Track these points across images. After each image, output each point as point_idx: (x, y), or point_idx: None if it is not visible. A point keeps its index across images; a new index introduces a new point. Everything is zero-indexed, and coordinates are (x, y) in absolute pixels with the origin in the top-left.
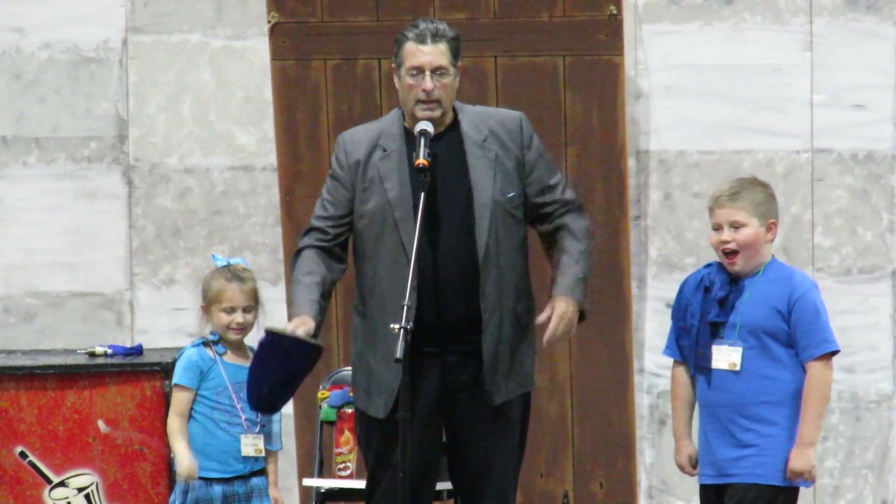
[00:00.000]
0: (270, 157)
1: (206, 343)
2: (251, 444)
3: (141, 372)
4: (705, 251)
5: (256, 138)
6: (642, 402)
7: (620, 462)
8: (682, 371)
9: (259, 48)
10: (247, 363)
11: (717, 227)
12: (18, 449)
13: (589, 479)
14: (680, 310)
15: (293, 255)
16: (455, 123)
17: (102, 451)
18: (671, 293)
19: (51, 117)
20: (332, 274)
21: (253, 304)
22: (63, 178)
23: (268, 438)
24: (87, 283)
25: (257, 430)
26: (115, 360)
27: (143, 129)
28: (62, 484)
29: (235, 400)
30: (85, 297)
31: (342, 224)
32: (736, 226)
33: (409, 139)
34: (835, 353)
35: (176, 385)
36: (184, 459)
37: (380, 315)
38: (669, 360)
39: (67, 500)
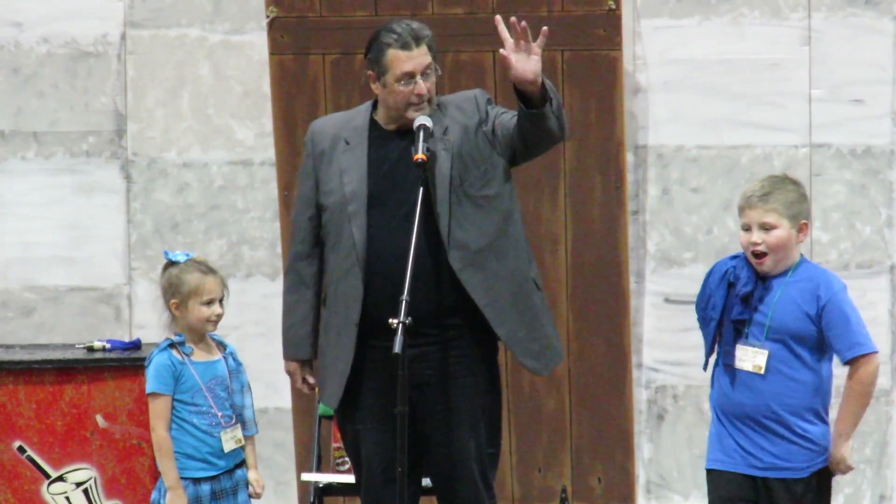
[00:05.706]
0: (269, 152)
1: (172, 345)
2: (231, 438)
3: (139, 367)
4: (704, 246)
5: (255, 133)
6: (640, 396)
7: (618, 457)
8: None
9: (257, 43)
10: (214, 357)
11: (747, 228)
12: (17, 443)
13: (587, 474)
14: (702, 300)
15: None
16: None
17: (101, 446)
18: (669, 288)
19: (49, 112)
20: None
21: (225, 294)
22: (61, 173)
23: (244, 425)
24: (86, 277)
25: (233, 421)
26: (113, 355)
27: (142, 123)
28: (60, 479)
29: (210, 399)
30: (83, 291)
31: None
32: (766, 227)
33: (374, 134)
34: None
35: (153, 394)
36: (178, 498)
37: (334, 306)
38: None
39: (66, 495)
